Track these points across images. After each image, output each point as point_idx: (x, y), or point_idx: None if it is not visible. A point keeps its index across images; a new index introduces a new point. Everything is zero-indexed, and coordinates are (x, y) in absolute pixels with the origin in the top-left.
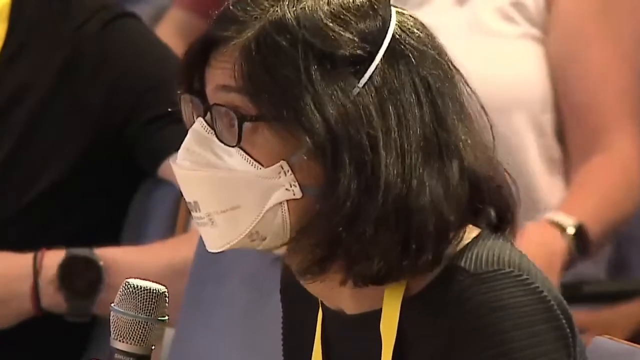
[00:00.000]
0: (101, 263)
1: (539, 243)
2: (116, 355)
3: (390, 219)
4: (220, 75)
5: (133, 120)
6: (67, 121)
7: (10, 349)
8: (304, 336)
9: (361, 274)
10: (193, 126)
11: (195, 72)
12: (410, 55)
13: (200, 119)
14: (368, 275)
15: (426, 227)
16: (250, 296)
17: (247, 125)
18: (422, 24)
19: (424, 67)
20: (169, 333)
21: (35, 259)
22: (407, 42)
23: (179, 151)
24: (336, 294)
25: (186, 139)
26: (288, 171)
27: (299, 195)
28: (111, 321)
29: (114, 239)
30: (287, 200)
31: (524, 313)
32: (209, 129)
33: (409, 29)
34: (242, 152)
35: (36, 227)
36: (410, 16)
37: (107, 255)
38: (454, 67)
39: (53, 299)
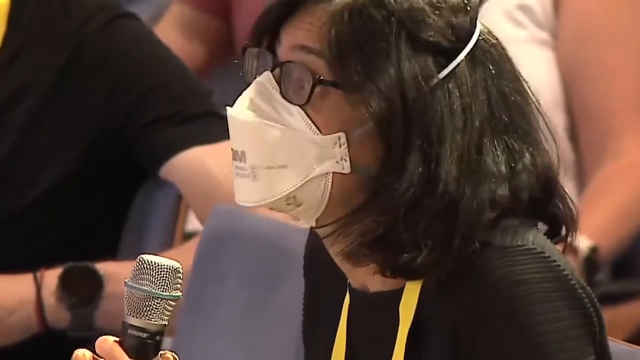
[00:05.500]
0: (101, 272)
1: None
2: (129, 331)
3: (442, 215)
4: (303, 35)
5: (133, 121)
6: (67, 121)
7: None
8: (326, 313)
9: (403, 265)
10: (258, 78)
11: (271, 27)
12: (490, 65)
13: (268, 72)
14: (409, 268)
15: (473, 232)
16: (250, 296)
17: (318, 89)
18: (501, 44)
19: (500, 80)
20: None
21: (35, 275)
22: (488, 51)
23: (238, 98)
24: (363, 272)
25: (248, 89)
26: (344, 144)
27: (347, 170)
28: (125, 297)
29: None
30: (333, 173)
31: (545, 289)
32: (275, 84)
33: (491, 40)
34: (304, 114)
35: (36, 227)
36: (491, 32)
37: (107, 268)
38: (527, 86)
39: (56, 311)
